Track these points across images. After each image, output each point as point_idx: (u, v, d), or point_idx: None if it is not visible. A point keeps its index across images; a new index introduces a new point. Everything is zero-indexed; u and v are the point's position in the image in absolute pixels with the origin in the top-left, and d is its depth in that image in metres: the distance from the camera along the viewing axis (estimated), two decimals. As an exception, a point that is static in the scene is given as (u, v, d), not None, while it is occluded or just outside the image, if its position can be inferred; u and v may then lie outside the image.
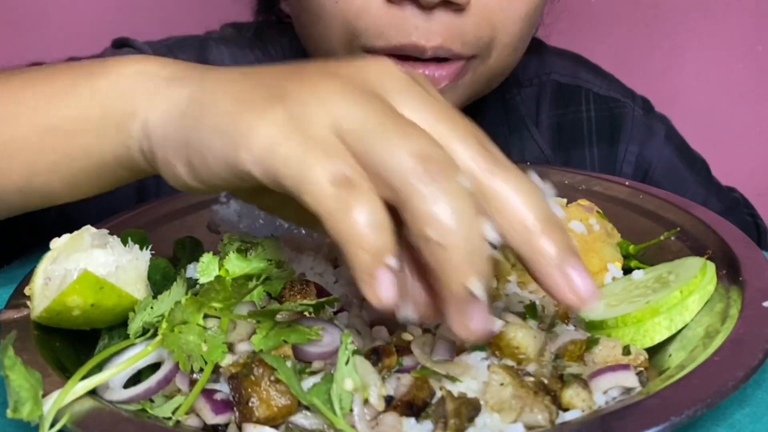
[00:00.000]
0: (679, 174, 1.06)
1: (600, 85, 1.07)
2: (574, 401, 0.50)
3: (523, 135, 1.03)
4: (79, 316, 0.54)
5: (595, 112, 1.05)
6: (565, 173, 0.80)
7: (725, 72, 1.56)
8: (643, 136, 1.05)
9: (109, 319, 0.56)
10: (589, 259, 0.65)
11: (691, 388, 0.47)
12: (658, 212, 0.72)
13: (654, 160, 1.05)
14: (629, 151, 1.04)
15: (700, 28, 1.53)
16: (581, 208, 0.69)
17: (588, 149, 1.04)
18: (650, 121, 1.07)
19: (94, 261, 0.55)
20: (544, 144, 1.04)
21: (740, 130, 1.59)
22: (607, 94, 1.06)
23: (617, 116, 1.05)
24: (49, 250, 0.56)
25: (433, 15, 0.77)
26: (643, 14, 1.52)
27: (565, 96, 1.06)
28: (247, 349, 0.52)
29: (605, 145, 1.05)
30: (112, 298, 0.54)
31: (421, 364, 0.51)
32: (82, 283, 0.52)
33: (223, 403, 0.50)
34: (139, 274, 0.56)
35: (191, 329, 0.51)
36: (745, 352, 0.50)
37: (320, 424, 0.48)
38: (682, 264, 0.62)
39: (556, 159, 1.04)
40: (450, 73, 0.80)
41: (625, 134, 1.05)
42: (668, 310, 0.57)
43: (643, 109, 1.07)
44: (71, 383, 0.49)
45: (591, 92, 1.06)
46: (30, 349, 0.54)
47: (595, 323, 0.60)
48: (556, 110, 1.05)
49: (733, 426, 0.52)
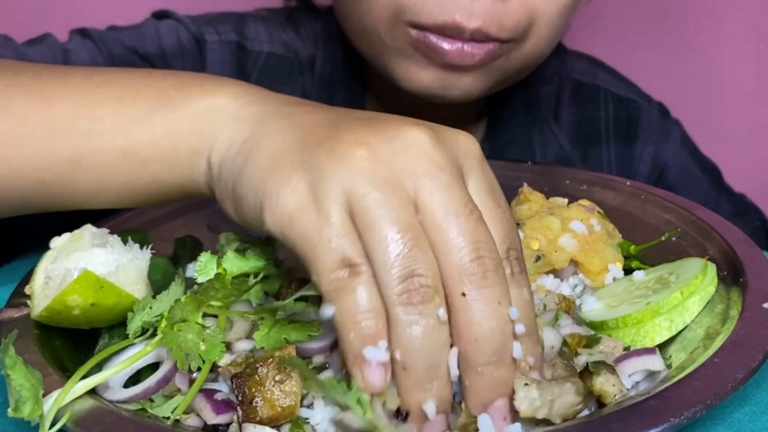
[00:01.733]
0: (693, 176, 1.08)
1: (618, 87, 1.09)
2: (605, 387, 0.50)
3: (544, 130, 1.05)
4: (79, 315, 0.54)
5: (613, 112, 1.07)
6: (567, 173, 0.80)
7: (727, 71, 1.56)
8: (659, 138, 1.07)
9: (109, 318, 0.56)
10: (590, 259, 0.65)
11: (691, 390, 0.47)
12: (660, 213, 0.72)
13: (669, 162, 1.07)
14: (646, 151, 1.06)
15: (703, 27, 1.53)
16: (583, 209, 0.69)
17: (605, 147, 1.06)
18: (666, 124, 1.08)
19: (94, 260, 0.55)
20: (564, 140, 1.05)
21: (743, 130, 1.59)
22: (626, 96, 1.08)
23: (634, 117, 1.07)
24: (49, 250, 0.56)
25: None
26: (644, 13, 1.52)
27: (585, 95, 1.07)
28: (245, 348, 0.52)
29: (622, 144, 1.06)
30: (112, 298, 0.54)
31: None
32: (83, 283, 0.53)
33: (224, 403, 0.50)
34: (139, 274, 0.56)
35: (190, 328, 0.51)
36: (745, 354, 0.50)
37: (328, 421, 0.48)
38: (682, 265, 0.62)
39: (575, 155, 1.05)
40: (485, 52, 0.82)
41: (642, 135, 1.06)
42: (669, 311, 0.57)
43: (659, 112, 1.09)
44: (71, 383, 0.49)
45: (609, 92, 1.07)
46: (30, 348, 0.54)
47: (596, 324, 0.60)
48: (576, 108, 1.07)
49: (732, 425, 0.52)
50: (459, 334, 0.46)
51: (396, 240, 0.45)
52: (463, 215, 0.46)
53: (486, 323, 0.45)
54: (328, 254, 0.45)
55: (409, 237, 0.45)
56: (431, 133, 0.48)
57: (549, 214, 0.68)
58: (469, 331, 0.45)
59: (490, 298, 0.46)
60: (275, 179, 0.48)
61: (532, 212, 0.69)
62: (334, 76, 1.00)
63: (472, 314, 0.45)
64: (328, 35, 1.01)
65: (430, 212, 0.46)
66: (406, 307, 0.44)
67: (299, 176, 0.47)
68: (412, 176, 0.47)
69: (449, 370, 0.46)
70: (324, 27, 1.02)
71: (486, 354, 0.46)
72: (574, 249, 0.65)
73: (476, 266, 0.46)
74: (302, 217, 0.46)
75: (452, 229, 0.46)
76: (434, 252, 0.46)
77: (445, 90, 0.85)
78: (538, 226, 0.67)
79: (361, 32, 0.89)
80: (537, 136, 1.04)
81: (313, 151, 0.48)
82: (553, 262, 0.65)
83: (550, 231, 0.66)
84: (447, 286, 0.46)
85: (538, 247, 0.66)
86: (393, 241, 0.45)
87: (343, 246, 0.45)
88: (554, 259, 0.65)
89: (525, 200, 0.71)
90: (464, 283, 0.45)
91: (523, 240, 0.66)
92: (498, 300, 0.46)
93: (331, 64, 1.00)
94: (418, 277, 0.45)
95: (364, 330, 0.45)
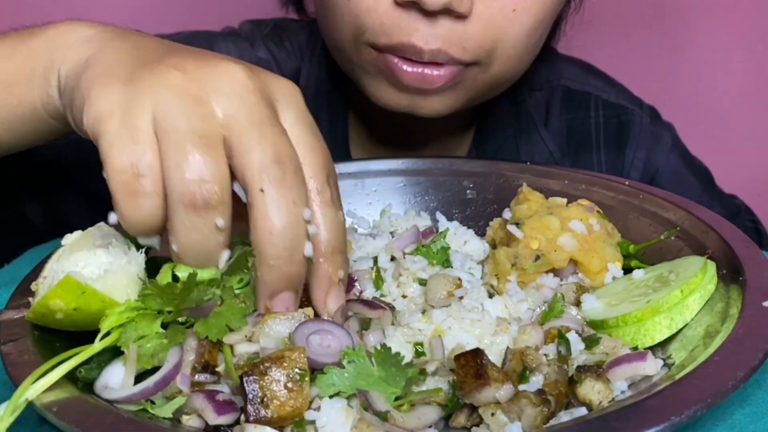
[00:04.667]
0: (684, 180, 1.08)
1: (609, 93, 1.09)
2: (590, 396, 0.51)
3: (533, 137, 1.05)
4: (63, 319, 0.53)
5: (603, 119, 1.07)
6: (566, 173, 0.80)
7: (726, 71, 1.56)
8: (650, 143, 1.07)
9: (95, 323, 0.54)
10: (590, 258, 0.65)
11: (692, 388, 0.47)
12: (658, 212, 0.72)
13: (660, 167, 1.07)
14: (637, 157, 1.06)
15: (701, 27, 1.53)
16: (582, 208, 0.69)
17: (596, 154, 1.06)
18: (657, 129, 1.08)
19: (93, 261, 0.54)
20: (553, 147, 1.05)
21: (741, 130, 1.59)
22: (616, 102, 1.08)
23: (625, 123, 1.07)
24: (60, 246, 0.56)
25: (436, 20, 0.79)
26: (644, 14, 1.52)
27: (575, 101, 1.07)
28: (246, 351, 0.52)
29: (613, 150, 1.06)
30: (96, 304, 0.53)
31: None
32: (64, 288, 0.52)
33: (226, 404, 0.50)
34: (130, 278, 0.54)
35: (149, 340, 0.52)
36: (745, 352, 0.50)
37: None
38: (682, 263, 0.62)
39: (565, 162, 1.05)
40: (446, 75, 0.82)
41: (633, 140, 1.06)
42: (669, 310, 0.57)
43: (650, 117, 1.09)
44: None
45: (600, 99, 1.08)
46: (29, 349, 0.54)
47: (596, 323, 0.60)
48: (566, 115, 1.07)
49: (734, 426, 0.52)
50: (254, 228, 0.50)
51: (188, 148, 0.49)
52: (267, 126, 0.51)
53: (280, 219, 0.50)
54: (119, 157, 0.50)
55: (203, 144, 0.50)
56: (249, 68, 0.54)
57: (548, 213, 0.68)
58: (264, 225, 0.50)
59: (288, 197, 0.50)
60: (98, 86, 0.53)
61: (531, 212, 0.69)
62: (321, 89, 1.01)
63: (268, 210, 0.50)
64: (314, 47, 1.02)
65: (234, 125, 0.51)
66: (186, 209, 0.49)
67: (117, 86, 0.52)
68: (220, 96, 0.51)
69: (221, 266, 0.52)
70: (309, 39, 1.03)
71: (278, 247, 0.50)
72: (573, 248, 0.65)
73: (276, 167, 0.50)
74: (108, 119, 0.51)
75: (254, 136, 0.50)
76: (236, 156, 0.50)
77: (413, 108, 0.86)
78: (537, 225, 0.67)
79: (334, 49, 0.91)
80: (524, 144, 1.05)
81: (137, 68, 0.53)
82: (552, 262, 0.65)
83: (549, 230, 0.66)
84: (247, 183, 0.50)
85: (538, 246, 0.66)
86: (185, 148, 0.49)
87: (135, 152, 0.49)
88: (554, 258, 0.65)
89: (524, 200, 0.71)
90: (263, 180, 0.50)
91: (523, 240, 0.66)
92: (294, 201, 0.50)
93: (316, 77, 1.01)
94: (205, 183, 0.49)
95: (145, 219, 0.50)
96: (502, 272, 0.66)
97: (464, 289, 0.62)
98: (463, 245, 0.74)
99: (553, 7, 0.85)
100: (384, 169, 0.84)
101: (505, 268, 0.66)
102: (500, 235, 0.71)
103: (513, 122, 1.05)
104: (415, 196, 0.83)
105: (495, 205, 0.80)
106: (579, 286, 0.63)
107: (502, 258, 0.67)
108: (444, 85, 0.82)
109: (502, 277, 0.66)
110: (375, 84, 0.86)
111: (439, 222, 0.78)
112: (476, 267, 0.71)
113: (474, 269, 0.70)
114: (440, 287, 0.62)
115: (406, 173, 0.84)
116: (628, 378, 0.53)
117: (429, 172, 0.83)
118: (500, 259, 0.67)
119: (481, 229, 0.77)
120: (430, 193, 0.83)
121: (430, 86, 0.82)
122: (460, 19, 0.79)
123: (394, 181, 0.83)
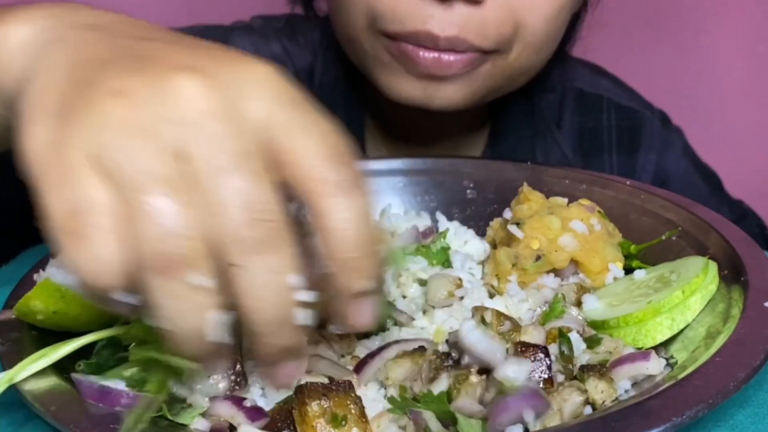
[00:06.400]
0: (694, 185, 1.08)
1: (620, 95, 1.09)
2: (593, 395, 0.50)
3: (547, 139, 1.05)
4: (44, 320, 0.53)
5: (615, 121, 1.07)
6: (567, 173, 0.80)
7: (727, 71, 1.56)
8: (661, 147, 1.07)
9: (78, 326, 0.54)
10: (591, 259, 0.65)
11: (693, 389, 0.47)
12: (660, 212, 0.72)
13: (671, 171, 1.08)
14: (648, 160, 1.07)
15: (702, 28, 1.53)
16: (583, 208, 0.69)
17: (608, 156, 1.07)
18: (668, 133, 1.09)
19: None
20: (566, 148, 1.05)
21: (742, 130, 1.59)
22: (627, 105, 1.08)
23: (636, 126, 1.07)
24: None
25: (452, 6, 0.79)
26: (644, 14, 1.52)
27: (587, 104, 1.08)
28: None
29: (624, 153, 1.07)
30: (75, 308, 0.53)
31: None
32: (43, 290, 0.52)
33: (255, 410, 0.50)
34: None
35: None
36: (747, 353, 0.50)
37: None
38: (683, 263, 0.62)
39: (577, 164, 1.06)
40: (463, 60, 0.81)
41: (645, 144, 1.07)
42: (670, 310, 0.57)
43: (661, 121, 1.09)
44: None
45: (612, 102, 1.08)
46: (27, 349, 0.53)
47: (597, 323, 0.59)
48: (579, 117, 1.07)
49: (735, 427, 0.51)
50: (236, 303, 0.42)
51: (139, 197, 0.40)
52: (235, 170, 0.41)
53: (260, 297, 0.41)
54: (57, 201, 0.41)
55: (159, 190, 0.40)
56: (204, 77, 0.42)
57: (549, 213, 0.68)
58: (244, 303, 0.41)
59: (267, 267, 0.41)
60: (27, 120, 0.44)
61: (532, 212, 0.69)
62: (336, 86, 1.00)
63: (245, 286, 0.41)
64: (328, 43, 1.01)
65: (193, 168, 0.40)
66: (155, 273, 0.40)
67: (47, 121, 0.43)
68: (173, 125, 0.41)
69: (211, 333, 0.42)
70: (323, 34, 1.02)
71: (261, 326, 0.42)
72: (574, 248, 0.65)
73: (247, 231, 0.40)
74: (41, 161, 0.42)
75: (219, 188, 0.40)
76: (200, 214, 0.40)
77: (428, 100, 0.85)
78: (538, 225, 0.67)
79: (347, 42, 0.90)
80: (539, 145, 1.05)
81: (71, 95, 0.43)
82: (553, 262, 0.65)
83: (550, 230, 0.66)
84: (216, 254, 0.41)
85: (538, 246, 0.65)
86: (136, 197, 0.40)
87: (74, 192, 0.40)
88: (554, 258, 0.65)
89: (525, 200, 0.71)
90: (234, 252, 0.40)
91: (524, 240, 0.66)
92: (274, 270, 0.41)
93: (331, 74, 1.00)
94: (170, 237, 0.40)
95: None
96: (502, 272, 0.66)
97: (465, 289, 0.62)
98: (464, 245, 0.73)
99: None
100: (384, 168, 0.83)
101: (505, 269, 0.66)
102: (501, 235, 0.71)
103: (528, 123, 1.05)
104: (415, 196, 0.83)
105: (495, 205, 0.79)
106: (580, 287, 0.63)
107: (503, 258, 0.66)
108: (461, 70, 0.82)
109: (502, 277, 0.66)
110: (388, 74, 0.85)
111: (439, 222, 0.78)
112: (476, 267, 0.70)
113: (474, 269, 0.70)
114: (441, 287, 0.61)
115: (406, 173, 0.83)
116: (631, 377, 0.53)
117: (429, 172, 0.83)
118: (501, 259, 0.67)
119: (482, 229, 0.77)
120: (430, 193, 0.83)
121: (446, 70, 0.81)
122: (476, 3, 0.79)
123: (393, 181, 0.83)
